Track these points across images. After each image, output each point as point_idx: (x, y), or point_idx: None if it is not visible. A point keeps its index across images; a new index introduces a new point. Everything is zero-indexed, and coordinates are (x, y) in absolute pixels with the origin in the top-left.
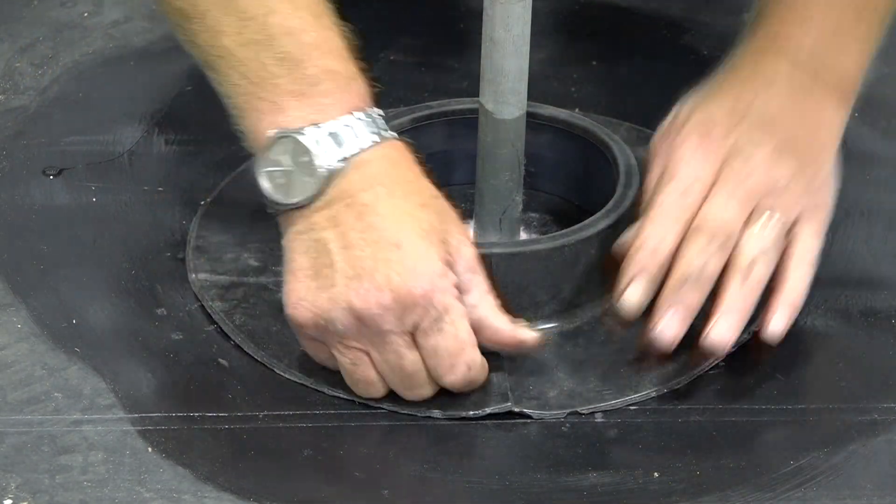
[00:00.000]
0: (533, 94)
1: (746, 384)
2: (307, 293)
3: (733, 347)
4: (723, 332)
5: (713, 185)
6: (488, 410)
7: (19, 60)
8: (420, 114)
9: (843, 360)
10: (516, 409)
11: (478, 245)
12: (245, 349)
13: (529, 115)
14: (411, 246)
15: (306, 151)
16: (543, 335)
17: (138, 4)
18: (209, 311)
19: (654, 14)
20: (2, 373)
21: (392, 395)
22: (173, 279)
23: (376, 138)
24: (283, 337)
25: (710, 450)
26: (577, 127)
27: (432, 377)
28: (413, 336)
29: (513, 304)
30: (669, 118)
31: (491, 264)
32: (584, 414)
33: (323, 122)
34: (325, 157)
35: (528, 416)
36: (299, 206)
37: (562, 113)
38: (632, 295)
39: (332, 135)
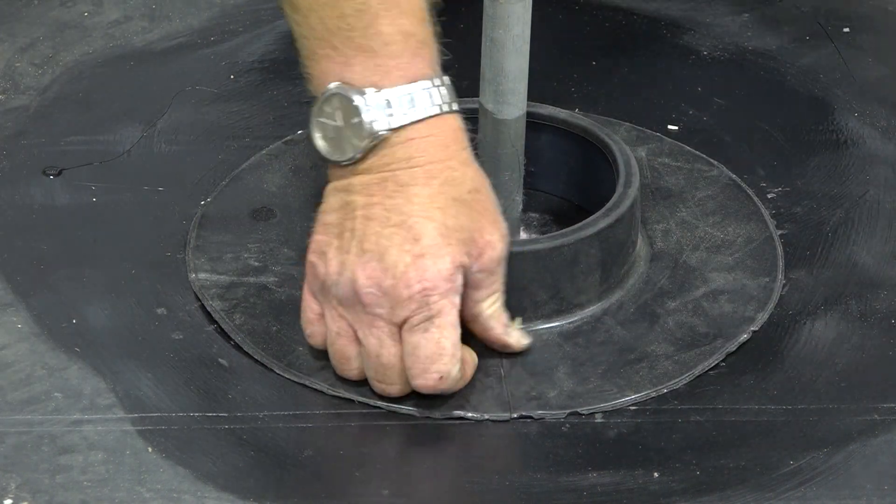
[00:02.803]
0: (533, 94)
1: (746, 384)
2: (327, 249)
3: (734, 347)
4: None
5: None
6: (487, 416)
7: (19, 60)
8: None
9: (844, 360)
10: (515, 416)
11: None
12: (245, 349)
13: (529, 115)
14: (429, 242)
15: (358, 114)
16: (531, 340)
17: (138, 4)
18: (209, 311)
19: (654, 14)
20: (2, 373)
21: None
22: (173, 279)
23: (432, 111)
24: (283, 337)
25: (710, 450)
26: (576, 127)
27: (405, 375)
28: (400, 330)
29: (513, 304)
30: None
31: None
32: (584, 414)
33: (384, 87)
34: (376, 123)
35: (529, 417)
36: (343, 164)
37: (562, 113)
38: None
39: (389, 101)
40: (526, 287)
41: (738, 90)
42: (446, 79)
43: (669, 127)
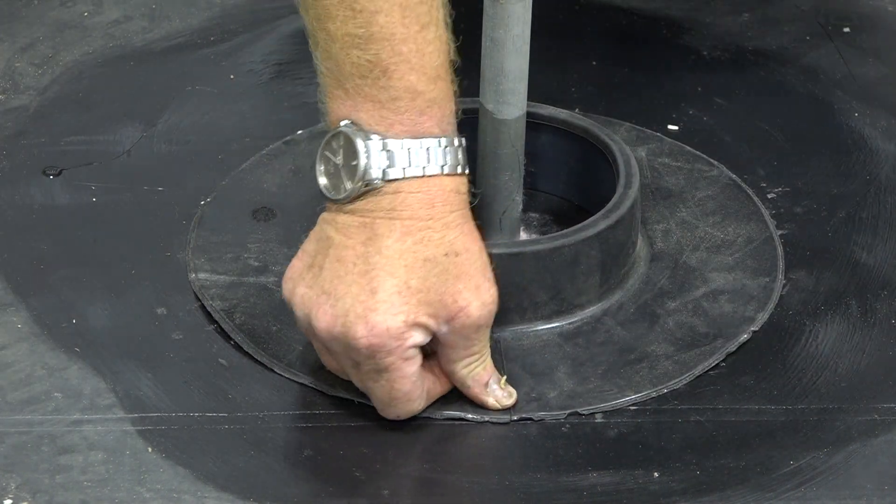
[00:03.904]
0: (533, 94)
1: (746, 384)
2: (297, 277)
3: (734, 347)
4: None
5: None
6: (487, 419)
7: (19, 60)
8: None
9: (844, 361)
10: (515, 417)
11: None
12: (245, 349)
13: (529, 115)
14: (384, 298)
15: (356, 157)
16: (515, 401)
17: (138, 4)
18: (209, 311)
19: (654, 14)
20: (2, 373)
21: None
22: (173, 279)
23: (430, 171)
24: (283, 337)
25: (710, 450)
26: (576, 127)
27: None
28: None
29: (513, 304)
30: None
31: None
32: (584, 414)
33: (386, 138)
34: (371, 170)
35: (529, 418)
36: (333, 200)
37: (562, 113)
38: None
39: (388, 152)
40: (526, 287)
41: (738, 90)
42: (457, 140)
43: (669, 127)
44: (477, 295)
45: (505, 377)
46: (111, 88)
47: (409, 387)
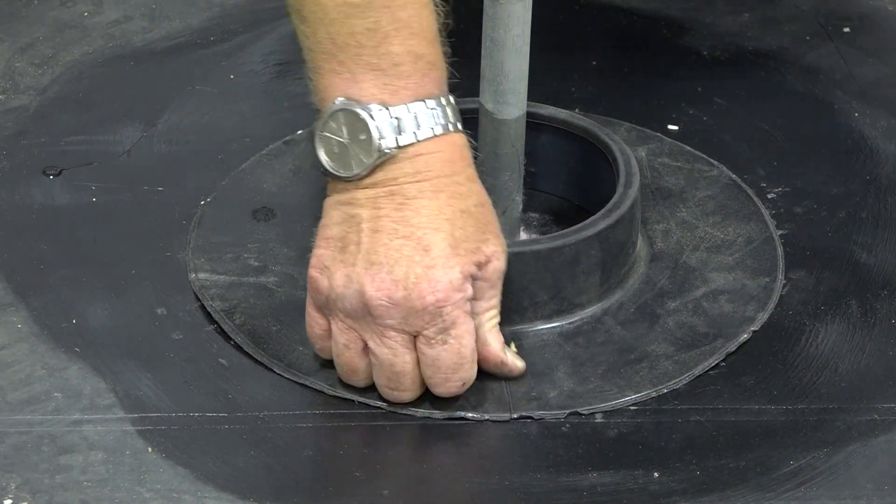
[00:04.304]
0: (533, 94)
1: (746, 384)
2: (330, 263)
3: (733, 347)
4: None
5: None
6: (487, 417)
7: (19, 60)
8: None
9: (844, 360)
10: (515, 416)
11: None
12: (245, 349)
13: (529, 115)
14: (439, 252)
15: (366, 131)
16: (524, 367)
17: (138, 4)
18: (209, 311)
19: (654, 14)
20: (2, 373)
21: None
22: (173, 279)
23: (438, 130)
24: (283, 337)
25: (710, 450)
26: (577, 127)
27: (423, 383)
28: (414, 338)
29: (513, 304)
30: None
31: None
32: (584, 414)
33: (391, 105)
34: (384, 141)
35: (529, 417)
36: (347, 179)
37: (562, 113)
38: None
39: (396, 119)
40: (526, 287)
41: (738, 90)
42: (452, 98)
43: (669, 127)
44: (499, 242)
45: (513, 342)
46: (111, 88)
47: (473, 343)
